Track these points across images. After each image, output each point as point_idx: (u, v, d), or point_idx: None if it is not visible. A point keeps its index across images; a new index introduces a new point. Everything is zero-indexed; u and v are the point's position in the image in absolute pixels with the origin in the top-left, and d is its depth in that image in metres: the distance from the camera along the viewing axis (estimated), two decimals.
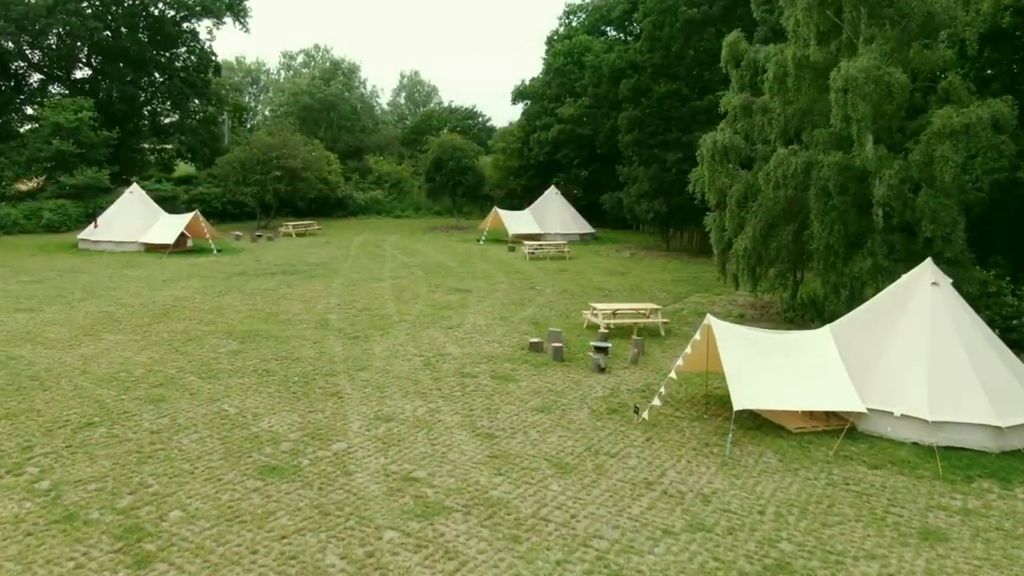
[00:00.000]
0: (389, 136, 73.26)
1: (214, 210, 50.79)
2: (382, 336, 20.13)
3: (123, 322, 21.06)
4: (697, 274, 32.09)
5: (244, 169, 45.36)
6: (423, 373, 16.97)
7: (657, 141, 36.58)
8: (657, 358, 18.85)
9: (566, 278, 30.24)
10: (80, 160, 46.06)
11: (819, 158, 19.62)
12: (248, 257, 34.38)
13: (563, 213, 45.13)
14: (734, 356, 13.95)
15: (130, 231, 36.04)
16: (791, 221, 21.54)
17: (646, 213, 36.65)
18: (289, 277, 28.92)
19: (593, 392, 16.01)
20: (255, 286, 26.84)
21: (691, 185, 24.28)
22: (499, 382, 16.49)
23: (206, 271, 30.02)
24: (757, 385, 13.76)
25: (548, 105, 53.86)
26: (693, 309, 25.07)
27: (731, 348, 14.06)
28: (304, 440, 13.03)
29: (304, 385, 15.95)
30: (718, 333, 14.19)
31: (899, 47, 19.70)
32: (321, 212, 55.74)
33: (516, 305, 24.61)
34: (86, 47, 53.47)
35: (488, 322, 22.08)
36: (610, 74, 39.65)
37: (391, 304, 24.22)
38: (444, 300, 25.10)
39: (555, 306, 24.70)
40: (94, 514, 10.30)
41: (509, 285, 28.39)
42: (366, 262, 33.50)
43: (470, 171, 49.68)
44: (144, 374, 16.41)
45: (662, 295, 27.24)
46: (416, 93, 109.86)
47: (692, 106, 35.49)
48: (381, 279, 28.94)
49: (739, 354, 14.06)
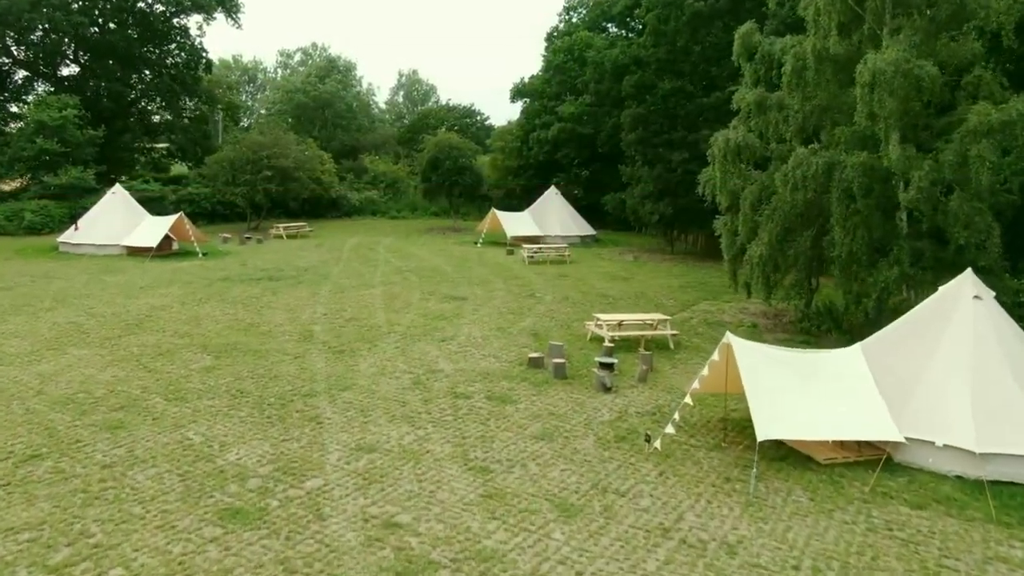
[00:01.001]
0: (385, 135, 71.77)
1: (203, 211, 49.34)
2: (369, 350, 18.66)
3: (91, 334, 19.58)
4: (704, 279, 30.63)
5: (233, 169, 43.86)
6: (412, 393, 15.51)
7: (662, 140, 35.11)
8: (667, 375, 17.40)
9: (567, 284, 28.78)
10: (65, 159, 44.58)
11: (841, 158, 18.18)
12: (234, 261, 32.90)
13: (563, 214, 43.66)
14: (757, 379, 12.51)
15: (112, 234, 34.52)
16: (809, 226, 20.09)
17: (650, 215, 35.15)
18: (275, 283, 27.45)
19: (599, 416, 14.55)
20: (238, 293, 25.36)
21: (701, 186, 22.82)
22: (495, 404, 15.03)
23: (188, 276, 28.53)
24: (782, 412, 12.32)
25: (548, 103, 52.38)
26: (703, 318, 23.61)
27: (753, 370, 12.61)
28: (275, 476, 11.57)
29: (280, 408, 14.48)
30: (739, 353, 12.73)
31: (927, 39, 18.26)
32: (314, 213, 54.25)
33: (514, 314, 23.15)
34: (72, 43, 51.94)
35: (484, 334, 20.62)
36: (613, 70, 38.16)
37: (381, 313, 22.75)
38: (438, 309, 23.64)
39: (556, 315, 23.24)
40: (21, 574, 8.84)
41: (507, 292, 26.93)
42: (357, 266, 32.03)
43: (467, 171, 48.21)
44: (105, 395, 14.93)
45: (669, 303, 25.78)
46: (414, 92, 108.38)
47: (699, 103, 34.06)
48: (372, 285, 27.47)
49: (762, 377, 12.61)
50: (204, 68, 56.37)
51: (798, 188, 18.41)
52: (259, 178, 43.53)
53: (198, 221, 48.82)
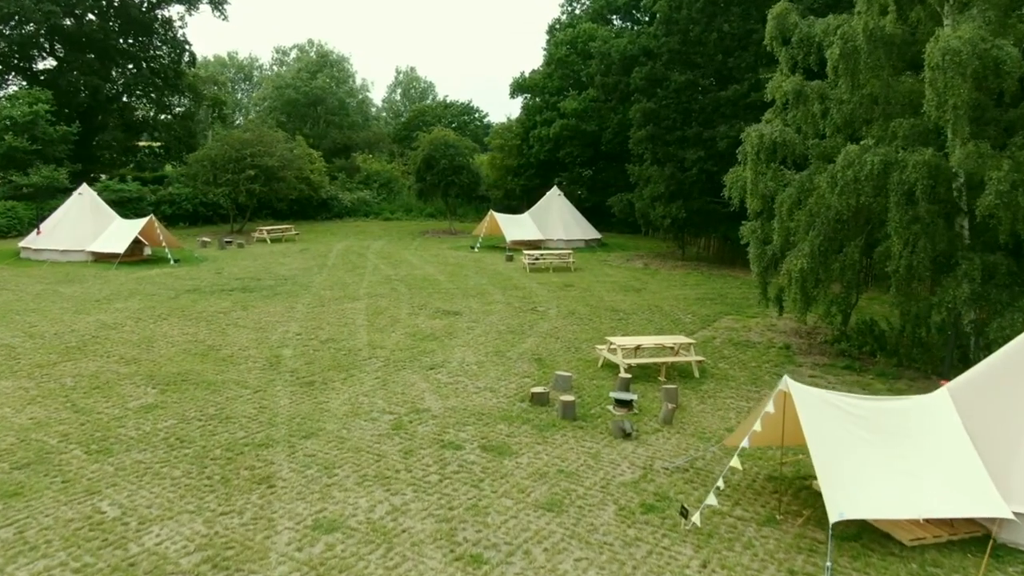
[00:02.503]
0: (379, 133, 68.97)
1: (185, 213, 46.71)
2: (344, 381, 15.92)
3: (22, 360, 16.84)
4: (723, 290, 27.90)
5: (215, 168, 41.12)
6: (390, 442, 12.77)
7: (674, 137, 32.34)
8: (696, 413, 14.66)
9: (572, 296, 26.03)
10: (36, 157, 41.83)
11: (899, 156, 15.43)
12: (209, 269, 30.15)
13: (566, 217, 40.93)
14: (825, 440, 9.77)
15: (77, 238, 31.79)
16: (856, 235, 17.37)
17: (661, 219, 32.35)
18: (248, 295, 24.70)
19: (619, 473, 11.81)
20: (204, 308, 22.61)
21: (727, 188, 20.08)
22: (491, 457, 12.28)
23: (153, 287, 25.78)
24: (859, 483, 9.59)
25: (549, 99, 49.68)
26: (727, 337, 20.88)
27: (819, 427, 9.87)
28: (200, 572, 8.82)
29: (226, 464, 11.73)
30: (801, 405, 10.00)
31: (1001, 16, 15.53)
32: (303, 214, 51.58)
33: (514, 334, 20.40)
34: (47, 35, 49.13)
35: (479, 359, 17.88)
36: (620, 61, 35.35)
37: (363, 333, 20.00)
38: (428, 327, 20.89)
39: (561, 334, 20.50)
40: None
41: (506, 305, 24.19)
42: (343, 274, 29.30)
43: (464, 170, 45.49)
44: (13, 445, 12.18)
45: (687, 318, 23.05)
46: (412, 89, 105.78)
47: (714, 97, 31.31)
48: (356, 298, 24.72)
49: (832, 436, 9.88)
50: (188, 62, 53.60)
51: (848, 191, 15.67)
52: (242, 178, 40.81)
53: (179, 223, 46.29)
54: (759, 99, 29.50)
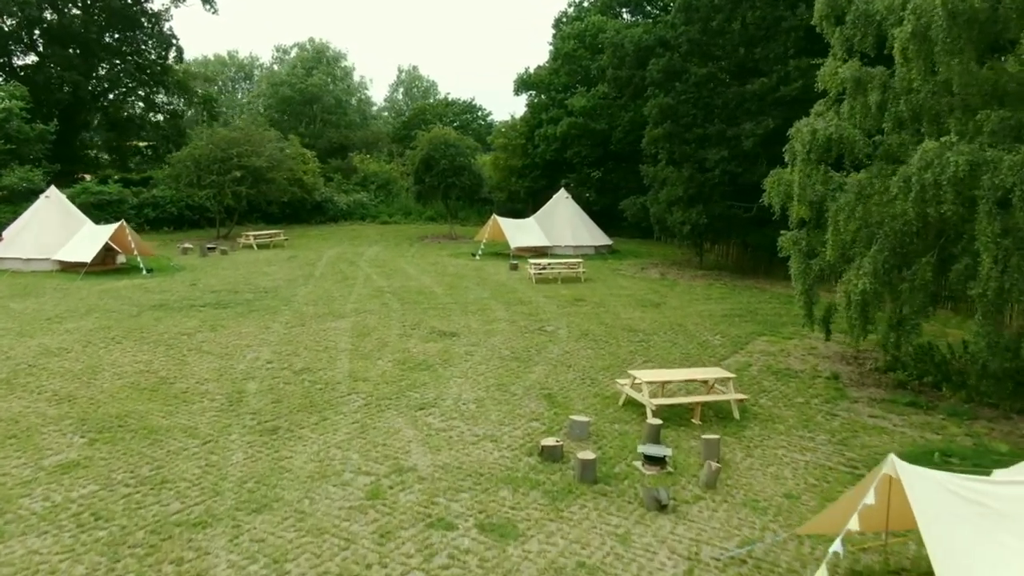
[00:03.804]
0: (378, 132, 66.28)
1: (169, 216, 44.08)
2: (316, 427, 13.21)
3: None
4: (752, 305, 25.14)
5: (199, 168, 38.43)
6: (363, 519, 10.05)
7: (694, 135, 29.56)
8: (742, 471, 11.92)
9: (585, 312, 23.30)
10: (11, 157, 39.22)
11: (990, 155, 12.69)
12: (183, 280, 27.49)
13: (575, 221, 38.20)
14: (953, 548, 7.05)
15: (43, 246, 29.19)
16: (927, 249, 14.62)
17: (680, 225, 29.52)
18: (221, 312, 22.02)
19: (657, 567, 9.07)
20: (167, 328, 19.93)
21: (766, 194, 17.32)
22: (492, 542, 9.56)
23: (116, 302, 23.12)
24: None
25: (556, 96, 47.01)
26: (764, 364, 18.13)
27: (943, 529, 7.15)
28: None
29: (145, 556, 9.02)
30: (917, 499, 7.27)
31: None
32: (296, 218, 48.96)
33: (519, 361, 17.68)
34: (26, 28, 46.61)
35: (478, 394, 15.16)
36: (635, 53, 32.55)
37: (344, 360, 17.30)
38: (420, 352, 18.19)
39: (574, 361, 17.78)
40: None
41: (510, 323, 21.48)
42: (330, 286, 26.61)
43: (466, 171, 42.75)
44: None
45: (716, 340, 20.32)
46: (415, 89, 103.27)
47: (739, 92, 28.53)
48: (342, 314, 22.02)
49: (960, 541, 7.15)
50: (176, 57, 51.01)
51: (926, 198, 12.92)
52: (227, 179, 38.09)
53: (163, 228, 43.67)
54: (789, 93, 26.89)
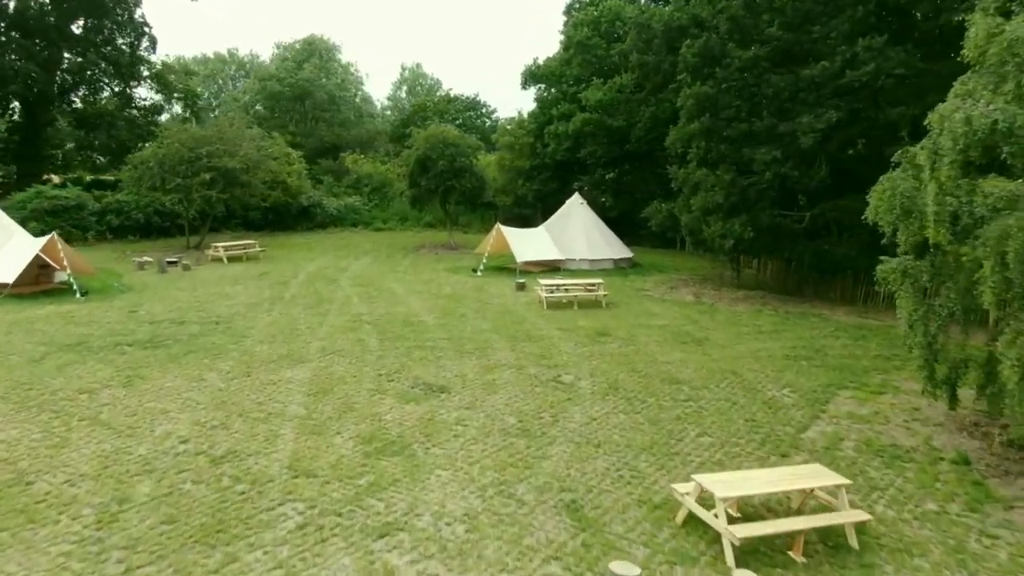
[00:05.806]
0: (374, 130, 61.61)
1: (135, 223, 39.56)
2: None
3: None
4: (815, 340, 20.33)
5: (163, 170, 33.86)
6: None
7: (737, 131, 24.71)
8: None
9: (611, 353, 18.53)
10: None
11: None
12: (122, 305, 22.86)
13: (591, 230, 33.46)
14: None
15: None
16: None
17: (721, 239, 24.63)
18: (150, 354, 17.36)
19: None
20: (68, 381, 15.26)
21: (870, 210, 12.51)
22: None
23: (21, 339, 18.49)
24: None
25: (568, 89, 42.33)
26: (861, 437, 13.35)
27: None
28: None
29: None
30: None
31: None
32: (280, 224, 44.47)
33: (529, 436, 12.91)
34: None
35: (470, 505, 10.41)
36: (664, 34, 27.71)
37: (287, 438, 12.57)
38: (395, 422, 13.45)
39: (603, 435, 13.01)
40: None
41: (516, 371, 16.74)
42: (298, 313, 21.95)
43: (467, 173, 38.10)
44: None
45: (785, 397, 15.51)
46: (418, 86, 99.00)
47: (793, 79, 23.69)
48: (302, 358, 17.32)
49: None
50: (148, 47, 46.50)
51: None
52: (195, 182, 33.50)
53: (128, 236, 39.16)
54: (859, 79, 22.07)
